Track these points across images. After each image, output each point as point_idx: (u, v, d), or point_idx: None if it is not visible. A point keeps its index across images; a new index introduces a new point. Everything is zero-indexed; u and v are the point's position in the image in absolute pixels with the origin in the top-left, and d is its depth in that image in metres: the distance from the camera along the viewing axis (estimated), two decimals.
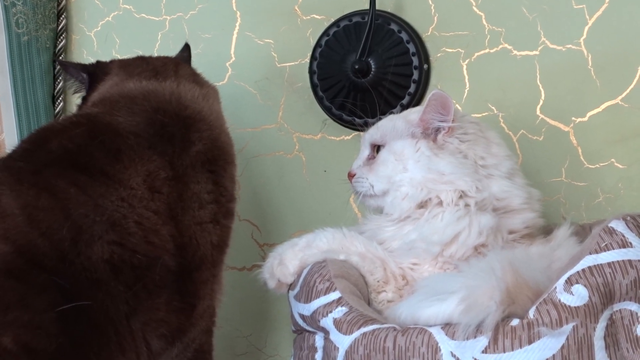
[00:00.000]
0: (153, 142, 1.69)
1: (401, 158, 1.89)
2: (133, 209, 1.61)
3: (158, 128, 1.72)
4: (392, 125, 1.95)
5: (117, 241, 1.57)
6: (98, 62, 2.00)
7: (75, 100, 2.58)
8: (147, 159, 1.66)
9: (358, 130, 2.34)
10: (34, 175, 1.59)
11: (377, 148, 1.97)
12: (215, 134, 1.79)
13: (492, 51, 2.27)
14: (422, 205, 1.87)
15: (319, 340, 1.75)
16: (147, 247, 1.60)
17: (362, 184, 1.95)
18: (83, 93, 1.97)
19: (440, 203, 1.84)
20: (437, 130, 1.88)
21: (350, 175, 1.99)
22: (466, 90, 2.29)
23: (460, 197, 1.83)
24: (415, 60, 2.28)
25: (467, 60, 2.29)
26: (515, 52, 2.25)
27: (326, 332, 1.70)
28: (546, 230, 1.92)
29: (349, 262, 1.84)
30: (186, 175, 1.68)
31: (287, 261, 1.87)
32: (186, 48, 2.14)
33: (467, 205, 1.83)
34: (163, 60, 1.99)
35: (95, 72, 1.95)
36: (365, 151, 2.00)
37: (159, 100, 1.79)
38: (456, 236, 1.81)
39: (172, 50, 2.49)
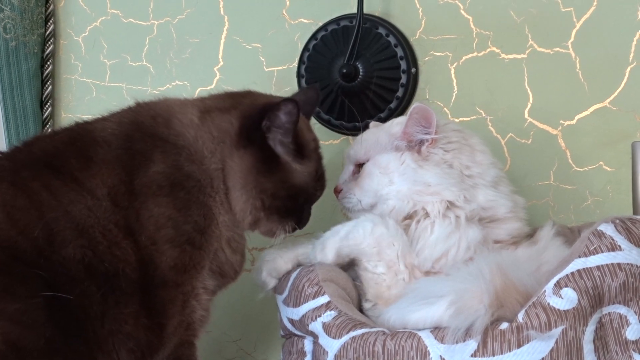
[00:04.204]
0: (119, 154, 1.70)
1: (386, 171, 1.89)
2: (98, 220, 1.63)
3: (126, 141, 1.72)
4: (375, 140, 1.94)
5: (86, 246, 1.60)
6: None
7: (63, 105, 2.58)
8: (112, 171, 1.67)
9: (346, 134, 2.34)
10: (13, 174, 1.64)
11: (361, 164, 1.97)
12: (184, 161, 1.75)
13: (480, 54, 2.27)
14: (409, 216, 1.86)
15: (308, 344, 1.75)
16: (111, 257, 1.62)
17: (349, 199, 1.95)
18: None
19: (427, 214, 1.84)
20: (421, 142, 1.88)
21: (337, 191, 1.98)
22: (454, 94, 2.29)
23: (448, 207, 1.83)
24: (403, 64, 2.28)
25: (455, 64, 2.29)
26: (503, 55, 2.25)
27: (315, 336, 1.70)
28: (530, 233, 1.92)
29: (370, 270, 1.82)
30: (143, 193, 1.68)
31: (328, 250, 1.85)
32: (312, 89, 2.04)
33: (457, 217, 1.82)
34: (225, 93, 1.97)
35: None
36: (350, 167, 1.99)
37: (144, 115, 1.79)
38: (445, 253, 1.81)
39: (160, 55, 2.50)
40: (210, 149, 1.79)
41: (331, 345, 1.65)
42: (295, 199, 1.88)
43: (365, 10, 2.26)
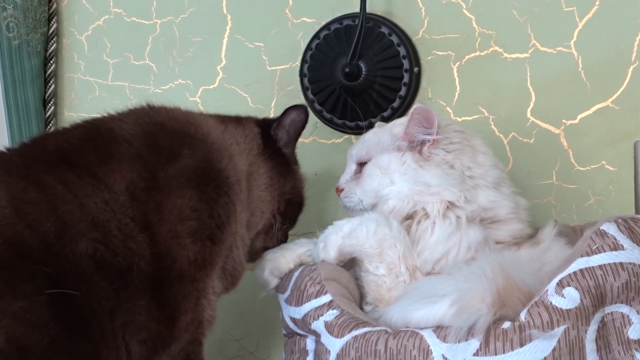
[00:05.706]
0: (141, 152, 1.70)
1: (387, 171, 1.89)
2: (114, 213, 1.63)
3: (148, 139, 1.73)
4: (378, 140, 1.95)
5: (100, 240, 1.60)
6: None
7: (66, 104, 2.58)
8: (132, 167, 1.67)
9: (349, 133, 2.34)
10: (24, 169, 1.63)
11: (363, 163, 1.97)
12: (214, 157, 1.78)
13: (482, 54, 2.27)
14: (409, 217, 1.86)
15: (310, 343, 1.75)
16: (125, 251, 1.62)
17: (351, 199, 1.95)
18: None
19: (427, 215, 1.84)
20: (422, 142, 1.88)
21: (339, 190, 1.98)
22: (457, 93, 2.29)
23: (448, 207, 1.83)
24: (406, 63, 2.28)
25: (457, 63, 2.29)
26: (505, 54, 2.25)
27: (317, 336, 1.70)
28: (532, 234, 1.92)
29: (372, 272, 1.83)
30: (168, 186, 1.68)
31: (330, 248, 1.85)
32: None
33: (458, 217, 1.82)
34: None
35: None
36: (352, 166, 1.99)
37: (163, 116, 1.80)
38: (446, 254, 1.81)
39: (163, 54, 2.50)
40: (237, 150, 1.85)
41: (333, 344, 1.65)
42: (300, 208, 1.96)
43: (368, 10, 2.26)
